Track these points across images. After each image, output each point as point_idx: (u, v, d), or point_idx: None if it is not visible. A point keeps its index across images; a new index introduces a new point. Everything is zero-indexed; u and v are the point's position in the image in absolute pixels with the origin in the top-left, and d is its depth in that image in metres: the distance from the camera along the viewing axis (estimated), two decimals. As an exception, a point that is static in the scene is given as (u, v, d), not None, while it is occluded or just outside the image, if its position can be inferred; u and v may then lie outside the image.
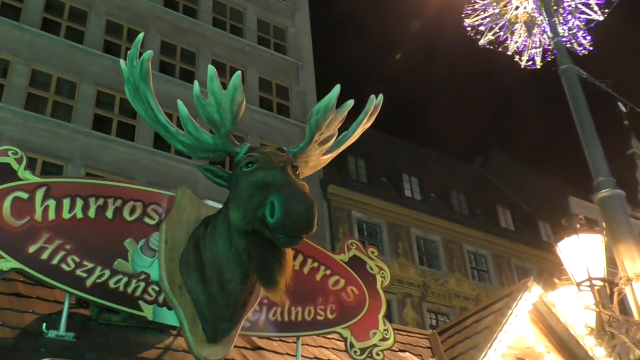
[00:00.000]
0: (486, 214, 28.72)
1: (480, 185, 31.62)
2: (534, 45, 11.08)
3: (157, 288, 4.42)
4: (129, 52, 4.35)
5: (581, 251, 6.54)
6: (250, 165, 3.98)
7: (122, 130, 18.88)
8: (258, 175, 3.87)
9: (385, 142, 29.85)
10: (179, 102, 4.23)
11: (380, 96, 4.68)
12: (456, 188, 28.41)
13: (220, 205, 4.46)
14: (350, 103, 4.30)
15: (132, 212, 4.57)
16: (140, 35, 4.38)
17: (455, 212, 27.17)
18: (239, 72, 4.05)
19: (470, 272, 25.79)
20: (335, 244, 20.97)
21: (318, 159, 4.52)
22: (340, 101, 4.26)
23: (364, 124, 4.64)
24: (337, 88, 4.11)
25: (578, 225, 6.74)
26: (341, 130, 4.62)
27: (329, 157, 4.66)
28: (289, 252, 3.95)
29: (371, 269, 5.66)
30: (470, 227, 26.36)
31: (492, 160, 35.18)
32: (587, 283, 6.42)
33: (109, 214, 4.48)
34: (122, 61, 4.40)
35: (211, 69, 4.03)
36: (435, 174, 28.87)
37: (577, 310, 6.87)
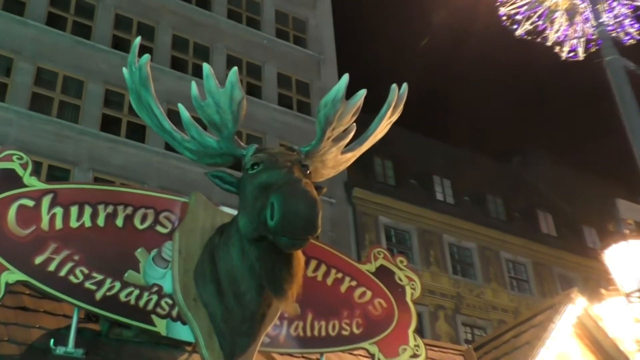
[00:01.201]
0: (525, 218, 28.48)
1: (519, 187, 31.34)
2: (576, 34, 10.97)
3: (170, 301, 4.45)
4: (128, 58, 4.42)
5: (630, 259, 6.46)
6: (255, 167, 4.02)
7: (132, 132, 19.02)
8: (262, 176, 3.91)
9: (414, 142, 29.74)
10: (180, 105, 4.29)
11: (405, 86, 4.66)
12: (492, 190, 28.20)
13: (235, 212, 4.49)
14: (363, 93, 4.28)
15: (143, 220, 4.61)
16: (137, 40, 4.45)
17: (492, 216, 26.97)
18: (235, 69, 4.10)
19: (508, 281, 25.58)
20: (360, 252, 20.93)
21: (337, 158, 4.51)
22: (367, 99, 4.26)
23: (388, 117, 4.62)
24: (345, 77, 4.11)
25: (627, 231, 6.66)
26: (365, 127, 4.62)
27: (351, 156, 4.65)
28: (299, 258, 3.97)
29: (400, 279, 5.64)
30: (508, 233, 26.15)
31: (532, 160, 34.87)
32: (638, 294, 6.34)
33: (119, 222, 4.52)
34: (124, 70, 4.46)
35: (206, 67, 4.08)
36: (469, 176, 28.67)
37: (626, 324, 6.78)
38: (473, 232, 25.29)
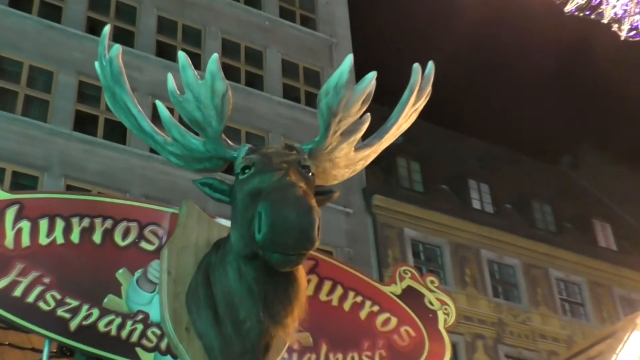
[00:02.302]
0: (579, 229, 28.33)
1: (570, 193, 31.20)
2: (637, 10, 10.91)
3: (158, 331, 4.45)
4: (98, 50, 4.42)
5: None
6: (246, 170, 4.02)
7: (111, 131, 19.05)
8: (253, 182, 3.91)
9: (445, 139, 29.67)
10: (158, 102, 4.29)
11: (430, 65, 4.64)
12: (539, 196, 28.07)
13: (235, 225, 4.47)
14: (372, 76, 4.26)
15: (125, 235, 4.62)
16: (106, 29, 4.46)
17: (539, 227, 26.85)
18: (215, 55, 4.09)
19: (559, 305, 25.44)
20: (383, 271, 20.87)
21: (350, 155, 4.49)
22: (389, 90, 4.24)
23: (412, 104, 4.59)
24: (349, 59, 4.10)
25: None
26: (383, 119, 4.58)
27: (369, 153, 4.62)
28: (299, 278, 3.96)
29: (431, 303, 5.64)
30: (558, 247, 26.01)
31: (584, 160, 34.72)
32: None
33: (97, 238, 4.53)
34: (96, 64, 4.47)
35: (182, 56, 4.09)
36: (511, 179, 28.52)
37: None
38: (516, 247, 25.16)
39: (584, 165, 34.58)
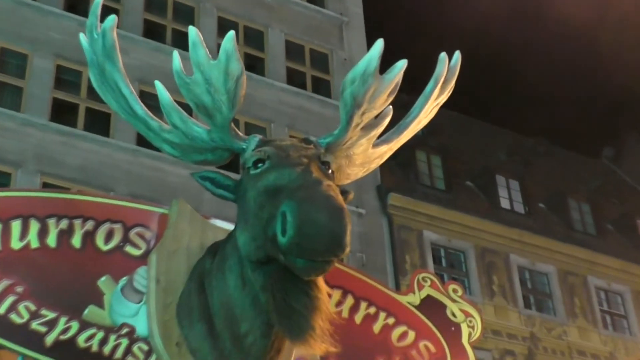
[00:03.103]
0: (622, 231, 28.28)
1: (612, 190, 31.13)
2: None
3: (145, 347, 4.45)
4: (87, 21, 4.42)
5: None
6: (259, 164, 4.02)
7: (93, 122, 19.09)
8: (269, 177, 3.90)
9: (471, 130, 29.64)
10: (158, 83, 4.27)
11: (457, 55, 4.65)
12: (576, 194, 28.03)
13: (232, 226, 4.47)
14: (402, 64, 4.26)
15: (108, 238, 4.62)
16: None
17: (576, 229, 26.81)
18: (231, 33, 4.06)
19: (600, 317, 25.41)
20: (400, 279, 20.89)
21: (367, 152, 4.51)
22: (406, 75, 4.23)
23: (435, 97, 4.61)
24: (379, 44, 4.08)
25: None
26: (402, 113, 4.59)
27: (386, 150, 4.64)
28: (321, 286, 3.95)
29: (454, 315, 5.64)
30: (598, 252, 25.98)
31: (628, 153, 34.64)
32: None
33: (76, 241, 4.54)
34: (82, 37, 4.46)
35: (193, 31, 4.05)
36: (544, 175, 28.48)
37: None
38: (551, 251, 25.13)
39: (628, 158, 34.48)
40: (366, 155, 4.53)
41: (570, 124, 53.60)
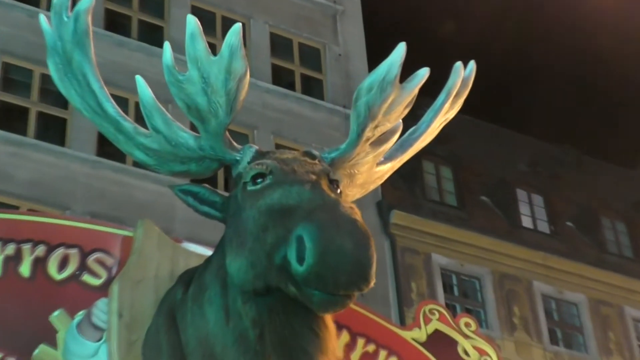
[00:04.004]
0: (662, 254, 28.35)
1: (651, 206, 31.22)
2: None
3: (106, 393, 4.42)
4: (56, 2, 4.39)
5: None
6: (259, 180, 3.98)
7: (46, 129, 19.12)
8: (273, 195, 3.85)
9: (486, 137, 29.69)
10: (139, 78, 4.23)
11: (472, 64, 4.67)
12: (610, 211, 28.11)
13: (209, 252, 4.47)
14: (424, 73, 4.28)
15: (62, 265, 4.61)
16: None
17: (610, 252, 26.89)
18: (237, 26, 4.05)
19: (639, 354, 25.45)
20: (405, 310, 20.90)
21: (371, 171, 4.52)
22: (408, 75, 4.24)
23: (446, 111, 4.63)
24: (401, 47, 4.08)
25: None
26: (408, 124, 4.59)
27: (388, 169, 4.66)
28: (327, 320, 3.95)
29: (466, 353, 5.66)
30: (636, 278, 26.04)
31: (670, 163, 34.77)
32: None
33: (25, 269, 4.53)
34: (42, 17, 4.43)
35: (192, 21, 4.02)
36: (572, 189, 28.55)
37: None
38: (581, 277, 25.20)
39: (668, 169, 34.64)
40: (369, 174, 4.53)
41: (602, 130, 53.82)
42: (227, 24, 22.36)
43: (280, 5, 23.70)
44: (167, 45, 4.08)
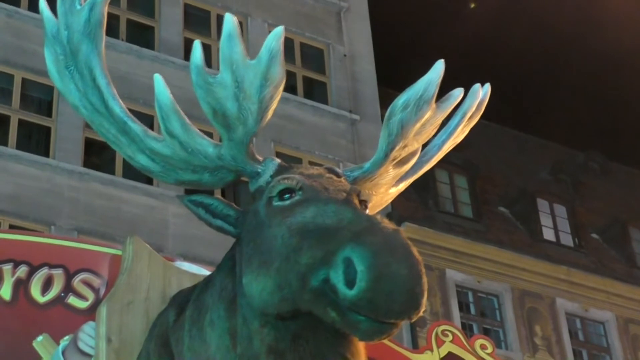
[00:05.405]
0: (697, 268, 28.31)
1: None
2: None
3: None
4: None
5: None
6: (287, 195, 3.95)
7: (28, 138, 19.11)
8: (306, 213, 3.83)
9: (505, 143, 29.67)
10: (158, 77, 4.16)
11: (487, 87, 4.68)
12: (639, 222, 28.04)
13: (205, 271, 4.46)
14: (459, 94, 4.34)
15: (46, 287, 4.61)
16: None
17: (639, 266, 26.84)
18: (280, 29, 3.99)
19: (670, 376, 25.40)
20: (417, 331, 20.87)
21: (385, 193, 4.54)
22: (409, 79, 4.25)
23: (460, 132, 4.68)
24: (439, 65, 4.06)
25: None
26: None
27: (396, 192, 4.71)
28: (362, 347, 3.97)
29: (482, 378, 5.66)
30: (668, 295, 26.01)
31: None
32: None
33: (6, 292, 4.53)
34: (43, 3, 4.38)
35: (230, 20, 3.91)
36: (599, 198, 28.51)
37: None
38: (608, 294, 25.14)
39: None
40: (382, 196, 4.56)
41: (630, 134, 53.68)
42: (223, 23, 22.60)
43: (280, 3, 23.70)
44: (197, 43, 4.00)
